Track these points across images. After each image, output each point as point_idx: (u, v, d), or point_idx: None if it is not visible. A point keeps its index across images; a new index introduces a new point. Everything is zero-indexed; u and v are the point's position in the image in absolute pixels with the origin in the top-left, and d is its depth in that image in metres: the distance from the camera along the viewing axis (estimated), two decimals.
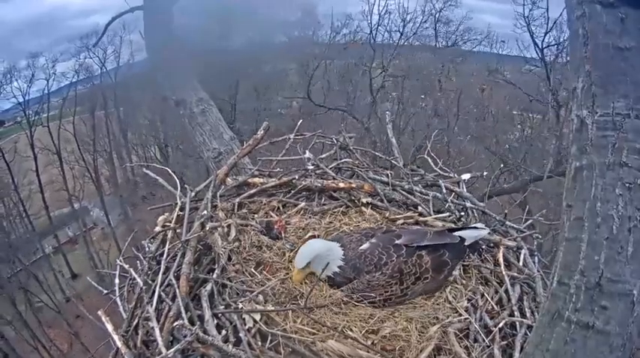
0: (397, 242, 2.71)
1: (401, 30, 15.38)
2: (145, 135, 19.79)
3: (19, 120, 17.32)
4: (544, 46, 11.92)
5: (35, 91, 16.58)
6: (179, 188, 3.20)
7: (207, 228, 2.81)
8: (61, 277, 17.02)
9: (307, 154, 3.75)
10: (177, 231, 2.82)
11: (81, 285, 16.11)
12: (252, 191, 3.39)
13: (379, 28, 15.30)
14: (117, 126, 19.37)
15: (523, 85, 13.29)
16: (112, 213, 18.86)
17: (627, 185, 1.42)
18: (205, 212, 2.95)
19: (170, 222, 2.96)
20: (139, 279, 2.57)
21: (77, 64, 16.67)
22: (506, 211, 3.41)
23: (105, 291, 2.85)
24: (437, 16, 15.76)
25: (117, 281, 2.73)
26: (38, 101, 16.96)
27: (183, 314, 2.29)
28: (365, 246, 2.73)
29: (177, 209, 3.01)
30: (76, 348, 14.00)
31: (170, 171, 3.43)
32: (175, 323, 2.25)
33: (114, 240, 17.54)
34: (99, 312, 2.45)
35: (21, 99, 16.36)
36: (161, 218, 3.06)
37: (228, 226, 2.95)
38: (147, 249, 2.92)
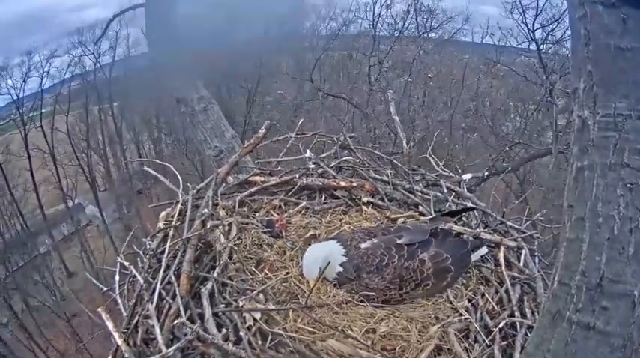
0: (399, 242, 2.72)
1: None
2: (139, 130, 19.57)
3: (13, 118, 16.96)
4: (535, 28, 12.22)
5: (30, 89, 16.27)
6: (181, 186, 3.20)
7: (208, 226, 2.81)
8: (59, 276, 16.82)
9: (308, 153, 3.75)
10: (178, 228, 2.82)
11: (77, 284, 16.00)
12: (253, 189, 3.39)
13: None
14: (111, 122, 19.16)
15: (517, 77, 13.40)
16: (107, 210, 18.69)
17: (628, 186, 1.41)
18: (206, 210, 2.95)
19: (172, 218, 2.96)
20: (139, 277, 2.58)
21: (71, 61, 16.34)
22: (504, 210, 3.41)
23: (104, 288, 2.85)
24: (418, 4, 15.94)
25: (117, 278, 2.73)
26: (33, 98, 16.63)
27: (182, 313, 2.28)
28: (366, 244, 2.73)
29: (178, 206, 3.02)
30: (73, 347, 13.88)
31: (172, 168, 3.42)
32: (176, 322, 2.25)
33: (109, 237, 17.45)
34: (99, 309, 2.46)
35: (15, 97, 16.01)
36: (163, 214, 3.06)
37: (229, 224, 2.95)
38: (147, 246, 2.92)
